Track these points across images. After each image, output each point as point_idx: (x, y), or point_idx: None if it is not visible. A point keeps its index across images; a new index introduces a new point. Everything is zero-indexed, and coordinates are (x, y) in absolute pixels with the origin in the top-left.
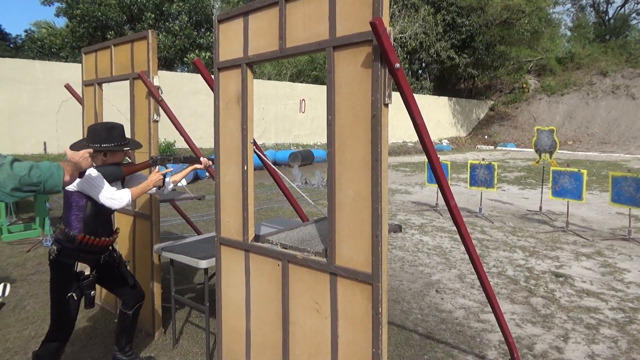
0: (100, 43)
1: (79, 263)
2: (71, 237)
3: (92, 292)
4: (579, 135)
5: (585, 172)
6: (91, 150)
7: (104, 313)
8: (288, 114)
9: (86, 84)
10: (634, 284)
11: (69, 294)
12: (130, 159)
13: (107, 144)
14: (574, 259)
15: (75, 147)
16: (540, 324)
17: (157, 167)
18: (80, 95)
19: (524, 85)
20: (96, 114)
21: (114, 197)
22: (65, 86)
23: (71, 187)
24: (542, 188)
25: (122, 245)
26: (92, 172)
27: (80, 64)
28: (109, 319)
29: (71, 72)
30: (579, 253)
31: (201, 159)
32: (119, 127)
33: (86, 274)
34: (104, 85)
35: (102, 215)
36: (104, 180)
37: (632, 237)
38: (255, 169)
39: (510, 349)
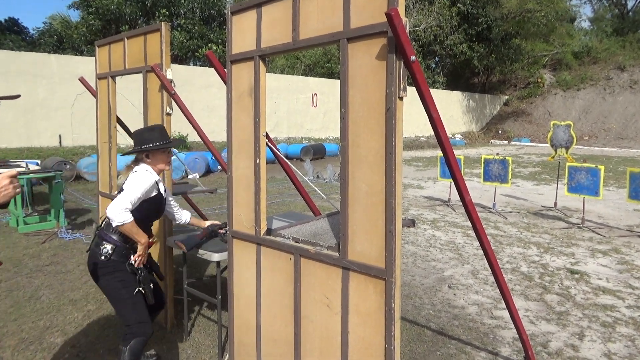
0: (114, 36)
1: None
2: (125, 236)
3: (151, 285)
4: (595, 130)
5: (602, 168)
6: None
7: None
8: (300, 108)
9: (100, 77)
10: None
11: (137, 289)
12: None
13: (147, 144)
14: (590, 256)
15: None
16: (555, 322)
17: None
18: (94, 88)
19: (539, 80)
20: (110, 107)
21: (121, 210)
22: (79, 79)
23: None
24: (557, 184)
25: None
26: (139, 176)
27: (94, 57)
28: None
29: (86, 66)
30: (595, 250)
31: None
32: (159, 127)
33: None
34: (117, 78)
35: (153, 217)
36: (140, 190)
37: None
38: (267, 163)
39: (524, 346)
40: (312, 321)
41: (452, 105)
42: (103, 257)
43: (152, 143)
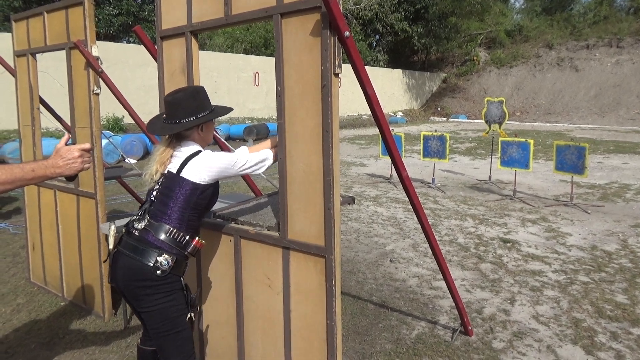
0: (32, 10)
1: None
2: (185, 242)
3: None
4: (526, 106)
5: (532, 141)
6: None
7: (50, 296)
8: (242, 87)
9: (18, 54)
10: (575, 247)
11: (188, 315)
12: (70, 133)
13: (202, 112)
14: (521, 225)
15: (156, 129)
16: (488, 289)
17: None
18: (13, 67)
19: (475, 58)
20: (31, 87)
21: (255, 158)
22: None
23: (201, 178)
24: (491, 158)
25: (66, 226)
26: (208, 152)
27: (10, 33)
28: (54, 302)
29: (4, 42)
30: (525, 219)
31: None
32: (202, 88)
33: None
34: (40, 55)
35: (209, 208)
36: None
37: (573, 202)
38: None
39: (460, 314)
40: (254, 302)
41: (393, 83)
42: (159, 272)
43: (209, 109)
